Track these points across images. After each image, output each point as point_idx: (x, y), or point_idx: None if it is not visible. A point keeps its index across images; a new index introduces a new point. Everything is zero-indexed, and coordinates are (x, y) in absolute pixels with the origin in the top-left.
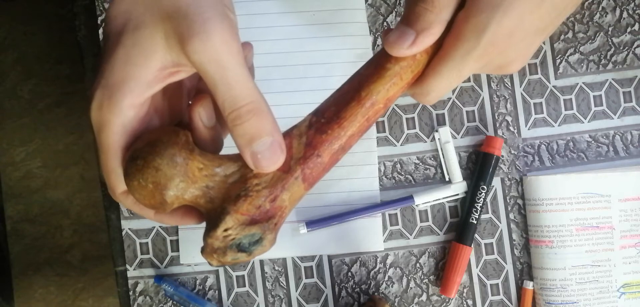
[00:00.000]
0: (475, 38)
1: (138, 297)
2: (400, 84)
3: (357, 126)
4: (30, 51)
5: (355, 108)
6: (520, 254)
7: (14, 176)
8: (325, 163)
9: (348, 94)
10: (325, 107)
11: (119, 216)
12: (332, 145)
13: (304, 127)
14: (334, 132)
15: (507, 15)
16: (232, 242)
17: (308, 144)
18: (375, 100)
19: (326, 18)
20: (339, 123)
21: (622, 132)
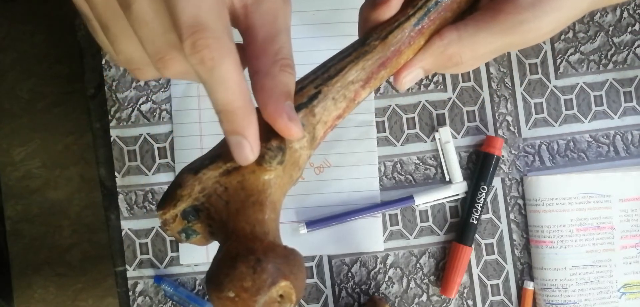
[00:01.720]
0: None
1: (137, 298)
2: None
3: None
4: (30, 51)
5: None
6: (520, 254)
7: (14, 176)
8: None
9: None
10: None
11: (118, 216)
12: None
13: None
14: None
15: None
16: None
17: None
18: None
19: (326, 18)
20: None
21: (623, 132)
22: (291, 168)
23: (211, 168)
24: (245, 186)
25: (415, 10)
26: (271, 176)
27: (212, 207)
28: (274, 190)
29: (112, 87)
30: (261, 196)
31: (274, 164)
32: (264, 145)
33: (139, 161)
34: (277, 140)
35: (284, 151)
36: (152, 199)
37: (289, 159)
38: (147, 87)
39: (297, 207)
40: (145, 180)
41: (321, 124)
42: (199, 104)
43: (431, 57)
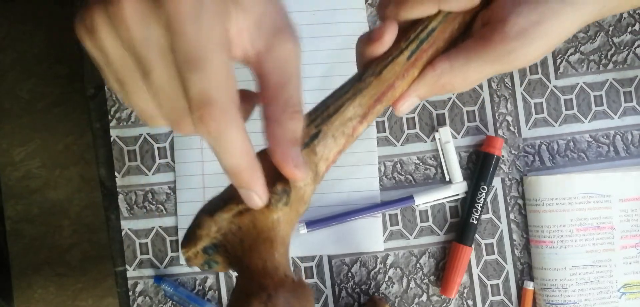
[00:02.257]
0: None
1: (137, 298)
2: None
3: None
4: (30, 51)
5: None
6: (520, 254)
7: (14, 176)
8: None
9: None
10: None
11: (118, 216)
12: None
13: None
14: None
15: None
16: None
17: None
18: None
19: (326, 18)
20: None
21: (623, 132)
22: (297, 204)
23: (225, 210)
24: (256, 225)
25: (408, 43)
26: (279, 214)
27: (228, 244)
28: (283, 226)
29: None
30: (271, 233)
31: (280, 206)
32: (270, 190)
33: (139, 161)
34: (282, 184)
35: (288, 194)
36: (152, 199)
37: (294, 197)
38: None
39: None
40: (145, 180)
41: (323, 161)
42: None
43: (425, 87)
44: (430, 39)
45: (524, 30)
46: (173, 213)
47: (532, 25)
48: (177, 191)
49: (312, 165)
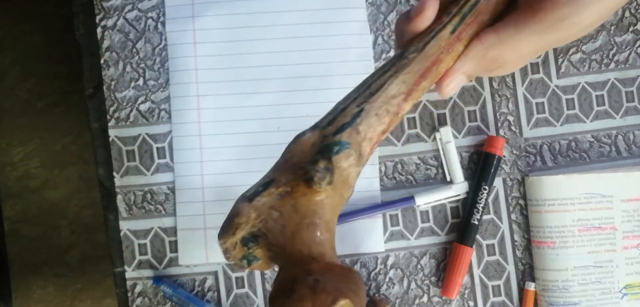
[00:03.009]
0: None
1: (136, 298)
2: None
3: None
4: (29, 51)
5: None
6: (522, 255)
7: (12, 176)
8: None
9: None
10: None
11: (117, 216)
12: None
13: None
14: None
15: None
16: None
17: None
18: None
19: (326, 18)
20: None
21: (625, 132)
22: (341, 187)
23: (264, 195)
24: (298, 208)
25: (451, 17)
26: (322, 196)
27: (269, 233)
28: (327, 210)
29: (111, 86)
30: (314, 217)
31: (323, 185)
32: (312, 168)
33: (138, 161)
34: (324, 162)
35: (332, 172)
36: (151, 200)
37: (338, 178)
38: (146, 87)
39: None
40: (144, 180)
41: (367, 141)
42: (198, 104)
43: (472, 61)
44: (474, 11)
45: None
46: (172, 213)
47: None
48: (176, 191)
49: (356, 145)
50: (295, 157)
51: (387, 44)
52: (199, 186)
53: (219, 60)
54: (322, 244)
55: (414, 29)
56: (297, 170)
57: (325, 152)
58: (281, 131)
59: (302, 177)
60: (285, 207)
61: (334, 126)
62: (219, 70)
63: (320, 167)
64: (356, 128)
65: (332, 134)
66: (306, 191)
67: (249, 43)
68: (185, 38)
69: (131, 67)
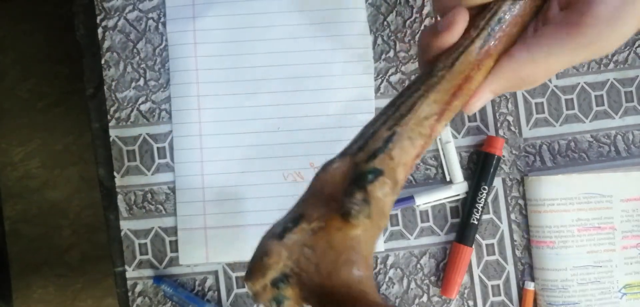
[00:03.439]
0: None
1: (137, 298)
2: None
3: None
4: (29, 51)
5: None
6: (521, 255)
7: (13, 176)
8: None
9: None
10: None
11: (117, 216)
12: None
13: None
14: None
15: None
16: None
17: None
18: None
19: (326, 18)
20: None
21: (624, 132)
22: (378, 218)
23: (296, 231)
24: (333, 244)
25: (479, 32)
26: (358, 231)
27: (302, 272)
28: (363, 245)
29: (112, 87)
30: (351, 254)
31: (361, 218)
32: (348, 200)
33: (138, 161)
34: (361, 193)
35: (369, 204)
36: (151, 200)
37: (375, 208)
38: (146, 87)
39: None
40: (145, 180)
41: (401, 167)
42: (198, 104)
43: (502, 79)
44: (503, 24)
45: (615, 9)
46: (172, 213)
47: (621, 2)
48: (176, 191)
49: (390, 172)
50: (327, 189)
51: (387, 45)
52: (200, 186)
53: (219, 60)
54: (362, 282)
55: (442, 44)
56: (330, 203)
57: (359, 182)
58: (281, 131)
59: (337, 211)
60: (318, 243)
61: (365, 153)
62: (220, 70)
63: (357, 199)
64: (389, 153)
65: (364, 161)
66: (342, 225)
67: (249, 43)
68: (185, 38)
69: (132, 67)
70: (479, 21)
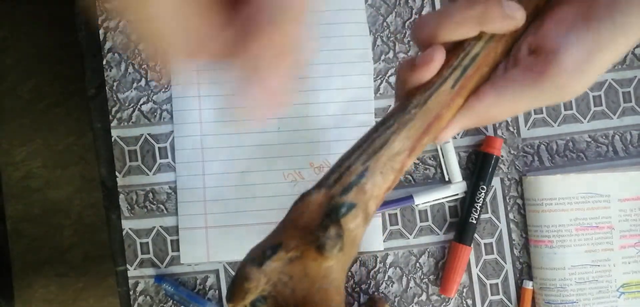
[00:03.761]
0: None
1: (138, 297)
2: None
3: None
4: (31, 51)
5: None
6: (519, 254)
7: (15, 176)
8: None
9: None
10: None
11: (119, 215)
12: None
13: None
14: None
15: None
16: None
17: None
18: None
19: (326, 18)
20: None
21: (622, 132)
22: (350, 248)
23: (274, 259)
24: (308, 273)
25: (452, 71)
26: (332, 262)
27: (279, 295)
28: (336, 274)
29: (113, 87)
30: (325, 282)
31: (334, 252)
32: (323, 235)
33: (140, 160)
34: (335, 228)
35: (342, 237)
36: (152, 199)
37: (347, 240)
38: (148, 88)
39: None
40: (146, 180)
41: (373, 200)
42: (199, 104)
43: (471, 118)
44: (475, 65)
45: (579, 62)
46: (174, 213)
47: (586, 56)
48: (177, 191)
49: (362, 204)
50: (303, 219)
51: (387, 46)
52: (201, 186)
53: None
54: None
55: (418, 80)
56: (307, 235)
57: (333, 215)
58: (282, 131)
59: (313, 243)
60: (294, 271)
61: (340, 185)
62: (220, 70)
63: (331, 234)
64: (362, 188)
65: (339, 194)
66: (316, 256)
67: None
68: None
69: (133, 68)
70: (453, 60)
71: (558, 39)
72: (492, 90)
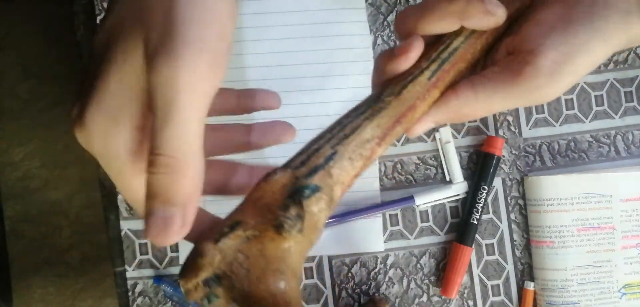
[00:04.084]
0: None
1: (137, 298)
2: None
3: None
4: (29, 51)
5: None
6: (521, 255)
7: (13, 176)
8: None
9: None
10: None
11: (118, 216)
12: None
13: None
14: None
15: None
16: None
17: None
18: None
19: (326, 18)
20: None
21: (624, 132)
22: (310, 232)
23: (231, 237)
24: (265, 253)
25: (429, 63)
26: (290, 243)
27: (233, 275)
28: (294, 257)
29: None
30: (281, 264)
31: (293, 233)
32: (283, 215)
33: None
34: (296, 208)
35: (302, 219)
36: None
37: (308, 223)
38: None
39: None
40: None
41: (339, 185)
42: None
43: (446, 113)
44: (452, 59)
45: (555, 64)
46: None
47: (563, 58)
48: None
49: (327, 188)
50: (265, 198)
51: (387, 44)
52: None
53: None
54: (287, 292)
55: (395, 69)
56: (266, 213)
57: (296, 195)
58: None
59: (271, 223)
60: (251, 251)
61: (306, 168)
62: None
63: (291, 214)
64: (329, 171)
65: (304, 176)
66: (274, 236)
67: (250, 43)
68: None
69: None
70: (432, 53)
71: (536, 40)
72: (469, 86)
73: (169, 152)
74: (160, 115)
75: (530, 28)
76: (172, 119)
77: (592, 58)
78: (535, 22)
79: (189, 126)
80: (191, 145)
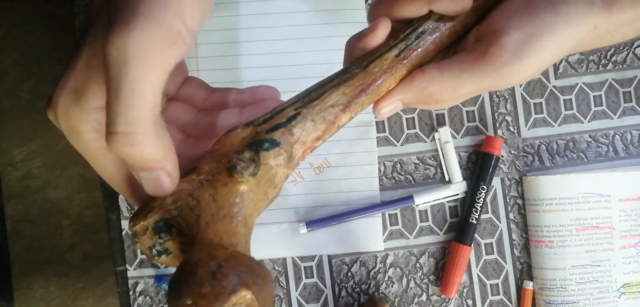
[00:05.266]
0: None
1: (138, 297)
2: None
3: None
4: (30, 51)
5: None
6: (520, 254)
7: (14, 176)
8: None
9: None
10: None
11: (119, 215)
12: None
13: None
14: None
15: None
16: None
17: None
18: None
19: (326, 18)
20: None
21: (622, 132)
22: (266, 185)
23: (185, 180)
24: (216, 198)
25: (397, 42)
26: (244, 188)
27: (184, 222)
28: (246, 204)
29: None
30: (232, 209)
31: (246, 175)
32: (236, 156)
33: None
34: (250, 152)
35: (256, 163)
36: None
37: (264, 175)
38: None
39: (297, 207)
40: None
41: (299, 144)
42: None
43: (412, 92)
44: (420, 40)
45: (518, 43)
46: None
47: (526, 38)
48: None
49: (287, 146)
50: (223, 149)
51: None
52: None
53: (220, 61)
54: (235, 235)
55: (363, 47)
56: (222, 159)
57: (253, 145)
58: None
59: (224, 165)
60: (203, 195)
61: (268, 124)
62: (221, 71)
63: (244, 156)
64: (290, 129)
65: (265, 131)
66: (227, 180)
67: (250, 44)
68: None
69: None
70: (401, 33)
71: (500, 22)
72: (437, 67)
73: (123, 128)
74: (113, 87)
75: (495, 14)
76: (123, 90)
77: (557, 39)
78: (500, 9)
79: (141, 97)
80: (146, 117)
